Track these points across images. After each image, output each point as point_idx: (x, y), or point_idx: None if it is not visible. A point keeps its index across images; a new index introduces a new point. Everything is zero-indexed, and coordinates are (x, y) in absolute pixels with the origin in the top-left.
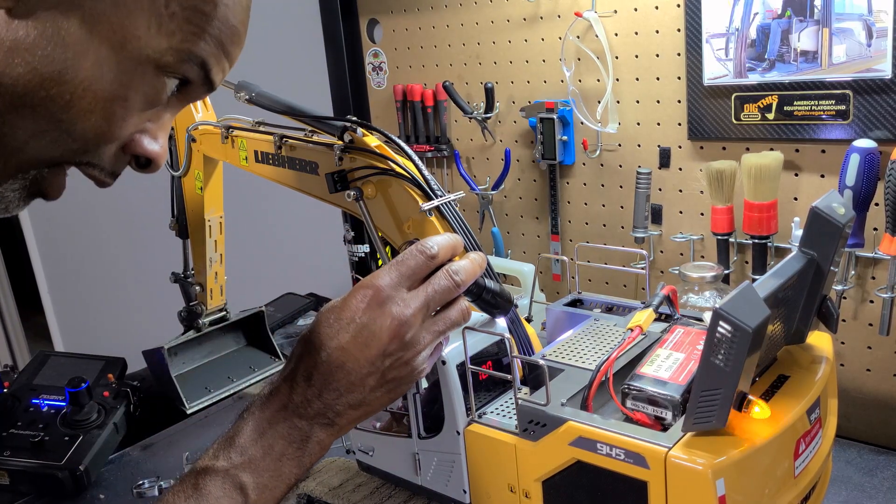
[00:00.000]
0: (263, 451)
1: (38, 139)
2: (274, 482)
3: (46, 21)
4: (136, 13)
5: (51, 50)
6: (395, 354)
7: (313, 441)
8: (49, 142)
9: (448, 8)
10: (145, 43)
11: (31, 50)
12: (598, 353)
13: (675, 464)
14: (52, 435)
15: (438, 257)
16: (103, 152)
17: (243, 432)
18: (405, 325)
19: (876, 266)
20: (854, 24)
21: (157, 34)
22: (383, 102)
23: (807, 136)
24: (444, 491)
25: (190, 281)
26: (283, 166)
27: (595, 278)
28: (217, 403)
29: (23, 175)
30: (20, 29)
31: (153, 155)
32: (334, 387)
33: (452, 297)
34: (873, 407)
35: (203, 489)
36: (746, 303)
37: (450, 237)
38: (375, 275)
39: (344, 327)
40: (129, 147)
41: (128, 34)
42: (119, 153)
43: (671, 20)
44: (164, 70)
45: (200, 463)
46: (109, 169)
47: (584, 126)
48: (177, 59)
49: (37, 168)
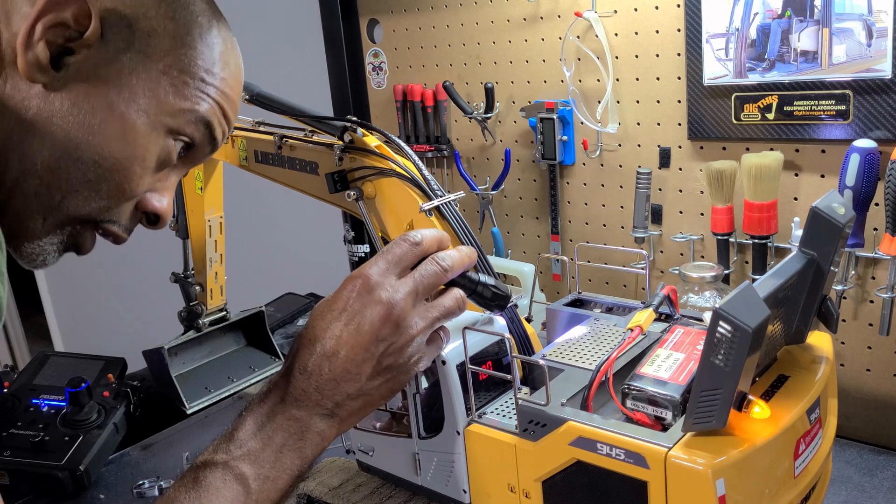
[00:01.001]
0: (263, 443)
1: (71, 197)
2: (275, 473)
3: (78, 92)
4: (156, 83)
5: (81, 117)
6: (388, 339)
7: (313, 431)
8: (81, 200)
9: (448, 8)
10: (162, 108)
11: (65, 118)
12: (598, 353)
13: (675, 464)
14: (52, 435)
15: (422, 245)
16: (123, 210)
17: (243, 427)
18: (395, 308)
19: (876, 266)
20: (854, 24)
21: (173, 99)
22: (383, 102)
23: (807, 136)
24: (444, 491)
25: (190, 281)
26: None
27: (595, 278)
28: (217, 403)
29: (60, 231)
30: (56, 101)
31: (161, 212)
32: (330, 376)
33: (440, 282)
34: (873, 407)
35: (203, 481)
36: (746, 303)
37: (436, 231)
38: (363, 265)
39: (336, 317)
40: (141, 204)
41: (148, 101)
42: (134, 211)
43: (671, 20)
44: (175, 133)
45: (200, 458)
46: (126, 225)
47: (584, 126)
48: (186, 121)
49: (71, 225)
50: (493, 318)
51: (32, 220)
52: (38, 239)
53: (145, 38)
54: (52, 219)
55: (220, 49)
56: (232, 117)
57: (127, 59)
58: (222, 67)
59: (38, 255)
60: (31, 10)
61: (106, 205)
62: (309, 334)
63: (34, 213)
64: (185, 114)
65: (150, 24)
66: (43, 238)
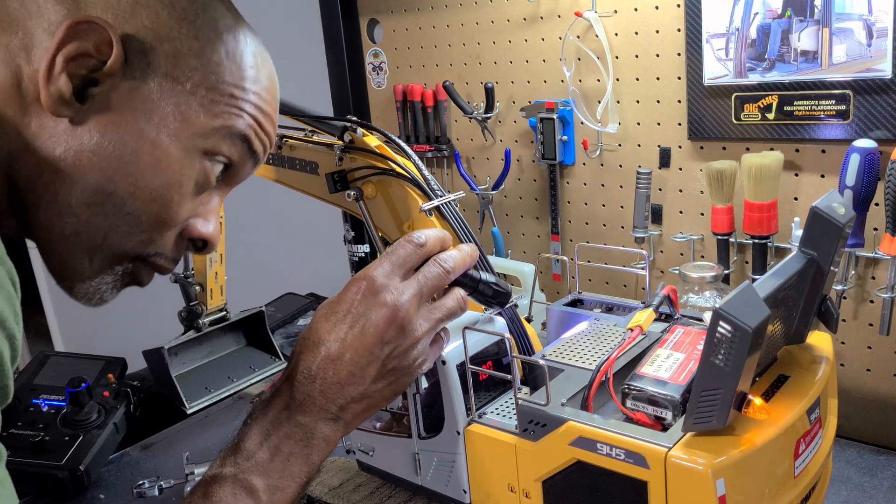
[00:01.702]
0: (270, 453)
1: (113, 234)
2: (285, 483)
3: (106, 123)
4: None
5: (112, 149)
6: (393, 342)
7: (319, 437)
8: (123, 235)
9: (448, 8)
10: (193, 130)
11: (95, 151)
12: (598, 353)
13: (676, 464)
14: (52, 435)
15: (427, 246)
16: (166, 240)
17: (248, 437)
18: (401, 311)
19: (876, 266)
20: (854, 24)
21: (204, 119)
22: (383, 102)
23: (807, 136)
24: (444, 491)
25: (190, 281)
26: (283, 166)
27: (595, 278)
28: (217, 403)
29: (111, 269)
30: (83, 134)
31: (208, 237)
32: (335, 380)
33: (444, 283)
34: (873, 407)
35: (213, 497)
36: (746, 303)
37: (438, 231)
38: (368, 267)
39: (341, 319)
40: (185, 232)
41: (179, 124)
42: (178, 239)
43: (671, 20)
44: (211, 154)
45: (208, 473)
46: (171, 256)
47: (584, 126)
48: (220, 140)
49: (119, 263)
50: (493, 317)
51: (79, 262)
52: (90, 279)
53: (170, 61)
54: (99, 258)
55: (250, 62)
56: (271, 129)
57: (153, 84)
58: (253, 80)
59: (93, 294)
60: (51, 42)
61: (148, 237)
62: (312, 337)
63: (79, 254)
64: (219, 132)
65: (174, 45)
66: (95, 278)
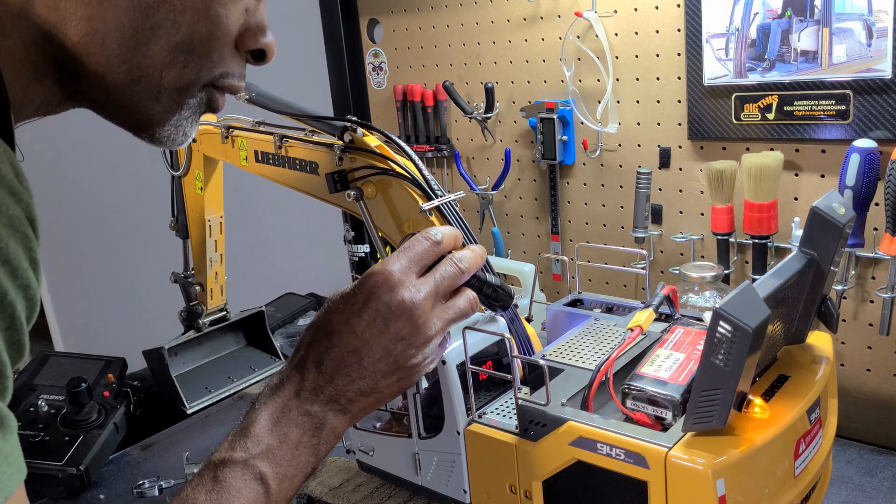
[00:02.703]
0: (280, 440)
1: (169, 69)
2: (292, 471)
3: None
4: None
5: None
6: (407, 339)
7: (327, 428)
8: (180, 68)
9: (448, 8)
10: None
11: None
12: (598, 353)
13: (676, 464)
14: (52, 435)
15: (443, 244)
16: (223, 57)
17: (258, 422)
18: (418, 309)
19: (876, 266)
20: (854, 24)
21: None
22: (383, 102)
23: (807, 136)
24: (444, 491)
25: (190, 281)
26: (283, 166)
27: (595, 278)
28: (217, 403)
29: (182, 105)
30: None
31: (264, 45)
32: (346, 372)
33: (458, 283)
34: (873, 407)
35: (223, 482)
36: (746, 303)
37: (452, 228)
38: (385, 261)
39: (356, 313)
40: (241, 45)
41: None
42: (234, 53)
43: (671, 20)
44: None
45: (217, 455)
46: (238, 72)
47: (584, 126)
48: None
49: (190, 96)
50: (494, 317)
51: (148, 108)
52: (166, 122)
53: None
54: (167, 97)
55: None
56: None
57: None
58: None
59: (175, 135)
60: None
61: (208, 61)
62: (325, 327)
63: (145, 101)
64: None
65: None
66: (171, 118)
